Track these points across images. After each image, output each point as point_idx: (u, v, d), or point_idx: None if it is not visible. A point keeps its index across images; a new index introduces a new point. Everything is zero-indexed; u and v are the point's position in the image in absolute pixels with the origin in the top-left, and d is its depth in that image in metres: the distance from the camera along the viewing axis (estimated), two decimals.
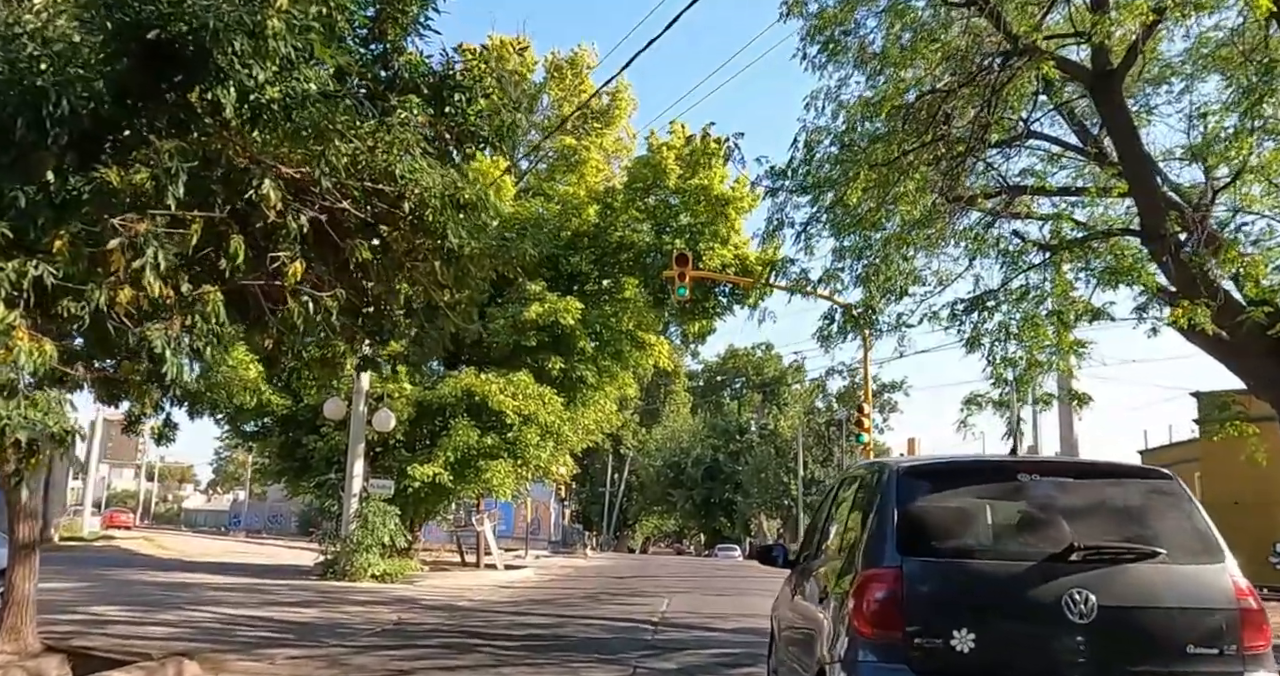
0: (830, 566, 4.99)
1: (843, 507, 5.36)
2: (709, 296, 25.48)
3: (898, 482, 4.26)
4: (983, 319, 13.09)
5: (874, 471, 4.79)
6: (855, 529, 4.57)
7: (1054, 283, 13.08)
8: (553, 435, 23.24)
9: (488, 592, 18.07)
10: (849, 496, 5.27)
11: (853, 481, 5.41)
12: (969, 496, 4.37)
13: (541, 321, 22.64)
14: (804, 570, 5.83)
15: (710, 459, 65.94)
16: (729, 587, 21.03)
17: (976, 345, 13.68)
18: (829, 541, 5.39)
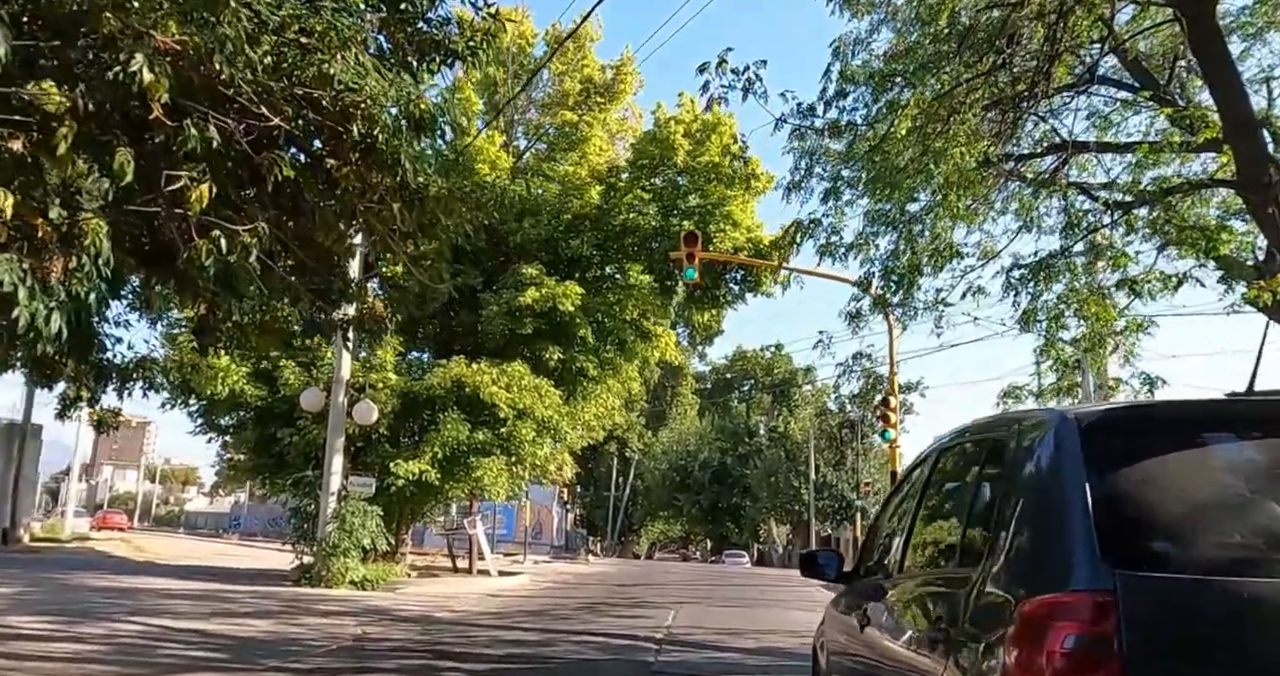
0: (928, 587, 3.24)
1: (944, 494, 3.60)
2: (719, 283, 23.79)
3: (1085, 442, 2.47)
4: (1040, 289, 11.32)
5: (1023, 429, 2.88)
6: (982, 526, 2.81)
7: (1117, 249, 11.36)
8: (550, 431, 21.50)
9: (474, 602, 16.33)
10: (959, 475, 3.50)
11: (967, 451, 3.55)
12: (1217, 464, 2.53)
13: (538, 307, 20.95)
14: (870, 588, 4.04)
15: (718, 462, 64.11)
16: (740, 598, 19.26)
17: (1032, 322, 11.95)
18: (918, 547, 3.63)
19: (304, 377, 20.02)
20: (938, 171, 10.58)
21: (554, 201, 23.00)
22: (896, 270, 11.24)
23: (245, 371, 19.92)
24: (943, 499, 3.60)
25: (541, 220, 22.63)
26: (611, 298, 23.26)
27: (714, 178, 22.72)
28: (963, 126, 10.04)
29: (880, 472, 52.51)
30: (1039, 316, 11.74)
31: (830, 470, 51.35)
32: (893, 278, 11.36)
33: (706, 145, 22.69)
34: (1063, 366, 12.05)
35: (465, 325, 22.51)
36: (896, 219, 10.76)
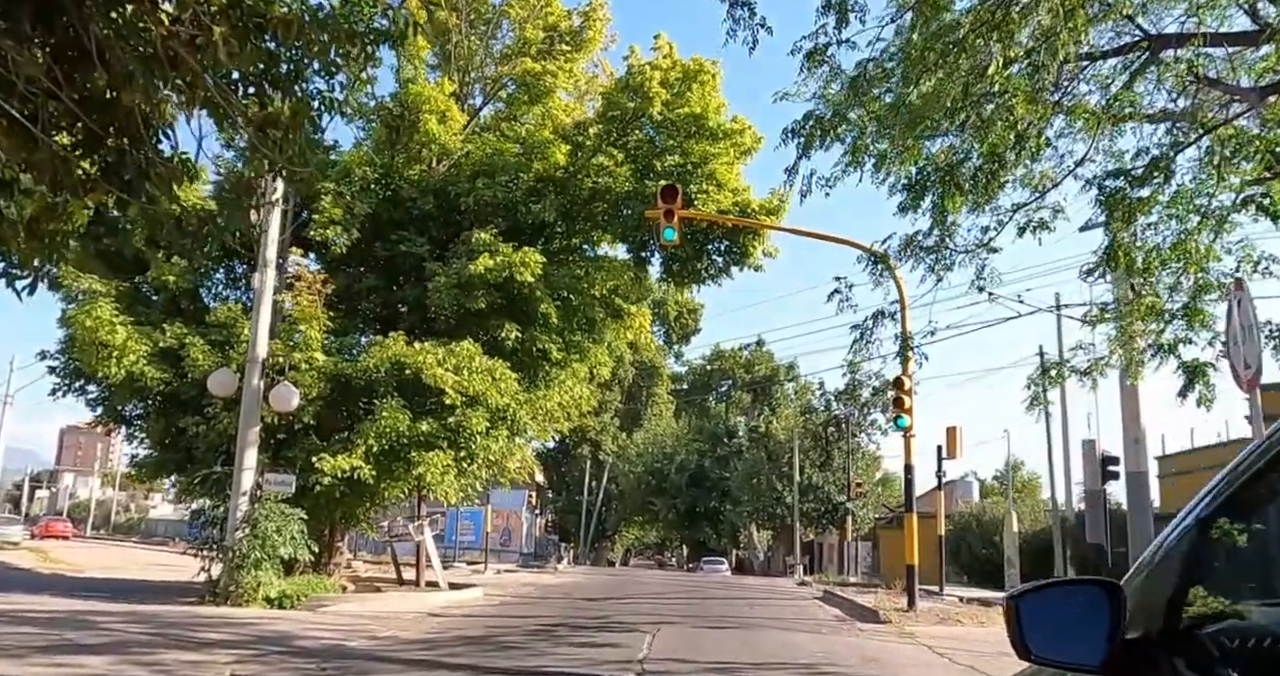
0: None
1: None
2: (701, 255, 20.90)
3: None
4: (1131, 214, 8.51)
5: None
6: None
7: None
8: (506, 421, 18.57)
9: (407, 624, 13.38)
10: None
11: None
12: None
13: (493, 278, 18.02)
14: None
15: (695, 464, 61.18)
16: (729, 616, 16.40)
17: (1117, 261, 9.16)
18: None
19: (215, 357, 17.02)
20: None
21: (513, 161, 20.08)
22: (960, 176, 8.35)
23: (145, 350, 16.89)
24: None
25: (498, 181, 19.72)
26: (578, 270, 20.38)
27: (695, 132, 19.89)
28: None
29: (867, 473, 49.84)
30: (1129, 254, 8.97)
31: (816, 471, 48.54)
32: (954, 188, 8.46)
33: (686, 96, 19.86)
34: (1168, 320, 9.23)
35: (410, 300, 19.55)
36: (959, 100, 7.83)
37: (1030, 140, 7.77)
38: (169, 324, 17.48)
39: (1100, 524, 27.85)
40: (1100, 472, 27.31)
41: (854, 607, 17.32)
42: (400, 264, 19.68)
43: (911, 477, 15.95)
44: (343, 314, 19.34)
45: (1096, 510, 28.28)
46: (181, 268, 18.29)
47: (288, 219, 17.95)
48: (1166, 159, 7.86)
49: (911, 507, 16.10)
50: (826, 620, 15.64)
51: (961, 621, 14.85)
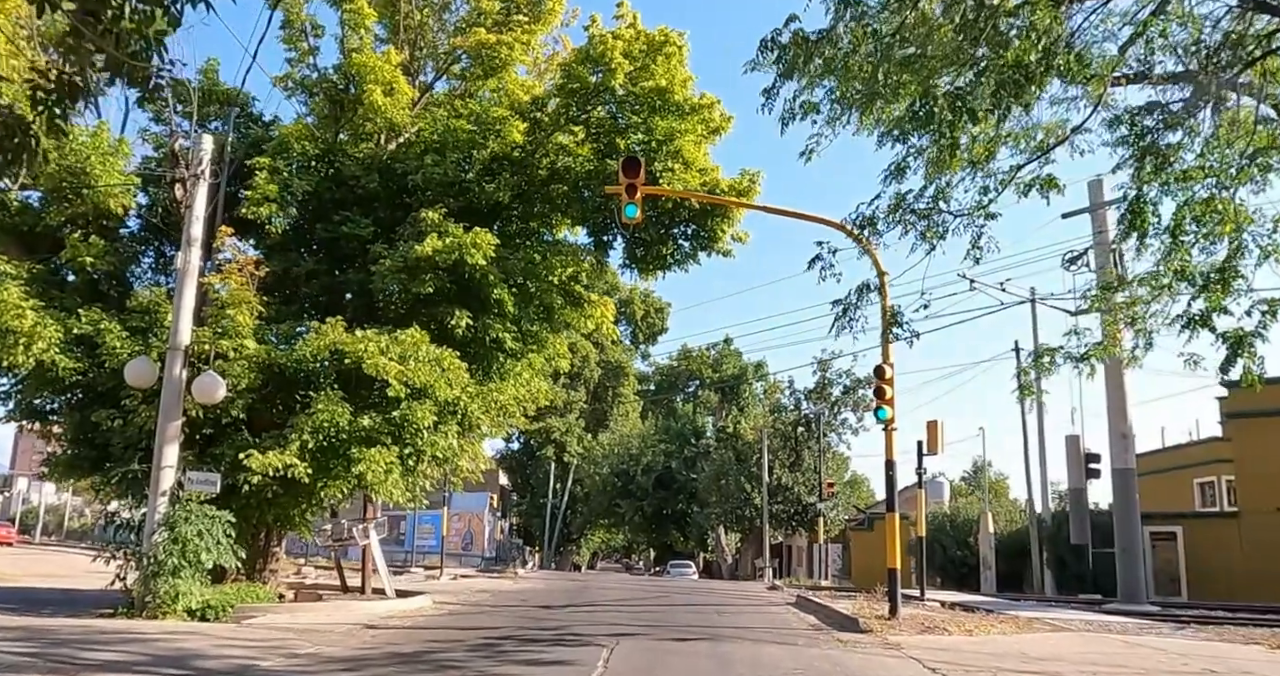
0: None
1: None
2: (666, 239, 19.66)
3: None
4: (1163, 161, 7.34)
5: None
6: None
7: None
8: (456, 415, 17.22)
9: (338, 638, 11.99)
10: None
11: None
12: None
13: (441, 261, 16.67)
14: None
15: (662, 466, 59.88)
16: (696, 625, 15.13)
17: (1141, 219, 8.00)
18: None
19: (135, 345, 15.51)
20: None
21: (465, 139, 18.71)
22: (973, 101, 7.11)
23: (57, 337, 15.33)
24: None
25: (449, 159, 18.36)
26: (535, 255, 19.03)
27: (660, 107, 18.61)
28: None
29: (837, 474, 48.84)
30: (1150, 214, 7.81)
31: (785, 472, 47.44)
32: (966, 113, 7.22)
33: (651, 69, 18.59)
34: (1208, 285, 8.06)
35: (354, 285, 18.13)
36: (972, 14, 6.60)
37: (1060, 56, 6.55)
38: (85, 309, 15.95)
39: (1084, 524, 26.98)
40: (1083, 470, 26.47)
41: (831, 614, 16.11)
42: (343, 246, 18.27)
43: (893, 474, 14.77)
44: (280, 300, 17.90)
45: (1081, 509, 27.42)
46: (101, 248, 16.77)
47: (218, 194, 16.49)
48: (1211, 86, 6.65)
49: (893, 506, 14.92)
50: (802, 629, 14.40)
51: (949, 630, 13.67)
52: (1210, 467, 42.40)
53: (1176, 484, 41.29)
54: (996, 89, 6.97)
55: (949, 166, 8.69)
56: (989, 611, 17.80)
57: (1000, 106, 7.13)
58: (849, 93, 8.10)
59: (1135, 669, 10.38)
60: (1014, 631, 14.11)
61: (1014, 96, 6.97)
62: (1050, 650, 11.90)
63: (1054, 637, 13.62)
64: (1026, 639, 13.20)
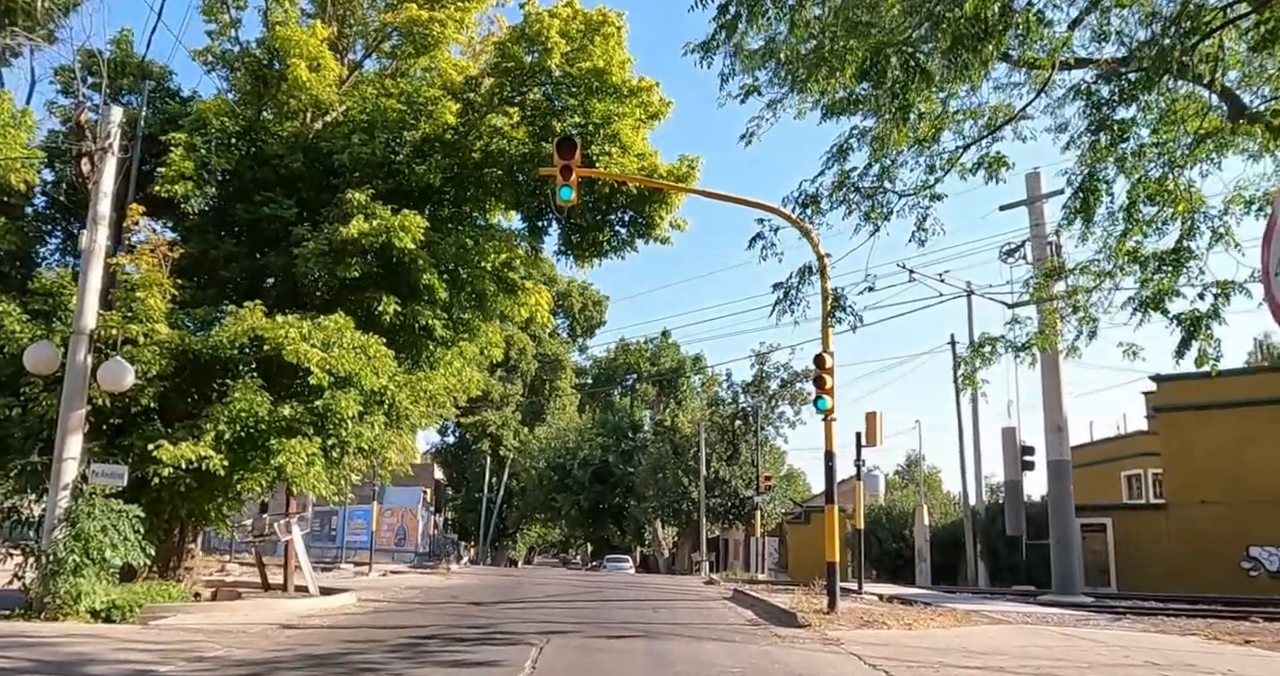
0: None
1: None
2: (603, 226, 19.16)
3: None
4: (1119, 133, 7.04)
5: None
6: None
7: None
8: (382, 405, 16.54)
9: (250, 639, 11.30)
10: None
11: None
12: None
13: (368, 244, 15.99)
14: None
15: (599, 460, 59.35)
16: (631, 622, 14.68)
17: (1094, 198, 7.70)
18: None
19: (37, 329, 14.59)
20: None
21: (395, 119, 18.00)
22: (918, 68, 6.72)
23: None
24: None
25: (377, 139, 17.65)
26: (468, 240, 18.37)
27: (598, 89, 18.10)
28: None
29: (774, 467, 48.81)
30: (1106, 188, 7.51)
31: (722, 465, 47.23)
32: (920, 75, 6.83)
33: (589, 49, 18.06)
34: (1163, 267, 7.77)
35: (276, 269, 17.34)
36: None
37: (1020, 14, 6.19)
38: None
39: (1019, 516, 27.10)
40: (1019, 463, 26.56)
41: (768, 609, 15.78)
42: (265, 229, 17.47)
43: (833, 465, 14.46)
44: (196, 284, 17.05)
45: (1016, 501, 27.53)
46: (2, 227, 15.80)
47: (129, 170, 15.57)
48: (1173, 53, 6.34)
49: (833, 498, 14.60)
50: (740, 625, 14.03)
51: (887, 624, 13.40)
52: (1137, 460, 43.14)
53: (1104, 477, 41.95)
54: (953, 44, 6.57)
55: (896, 142, 8.34)
56: (927, 604, 17.63)
57: (956, 65, 6.75)
58: (794, 57, 7.68)
59: (1077, 662, 10.15)
60: (953, 624, 13.89)
61: (972, 51, 6.58)
62: (991, 644, 11.66)
63: (993, 630, 13.41)
64: (966, 632, 12.98)
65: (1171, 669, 9.59)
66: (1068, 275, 11.11)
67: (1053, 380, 22.86)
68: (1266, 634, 13.71)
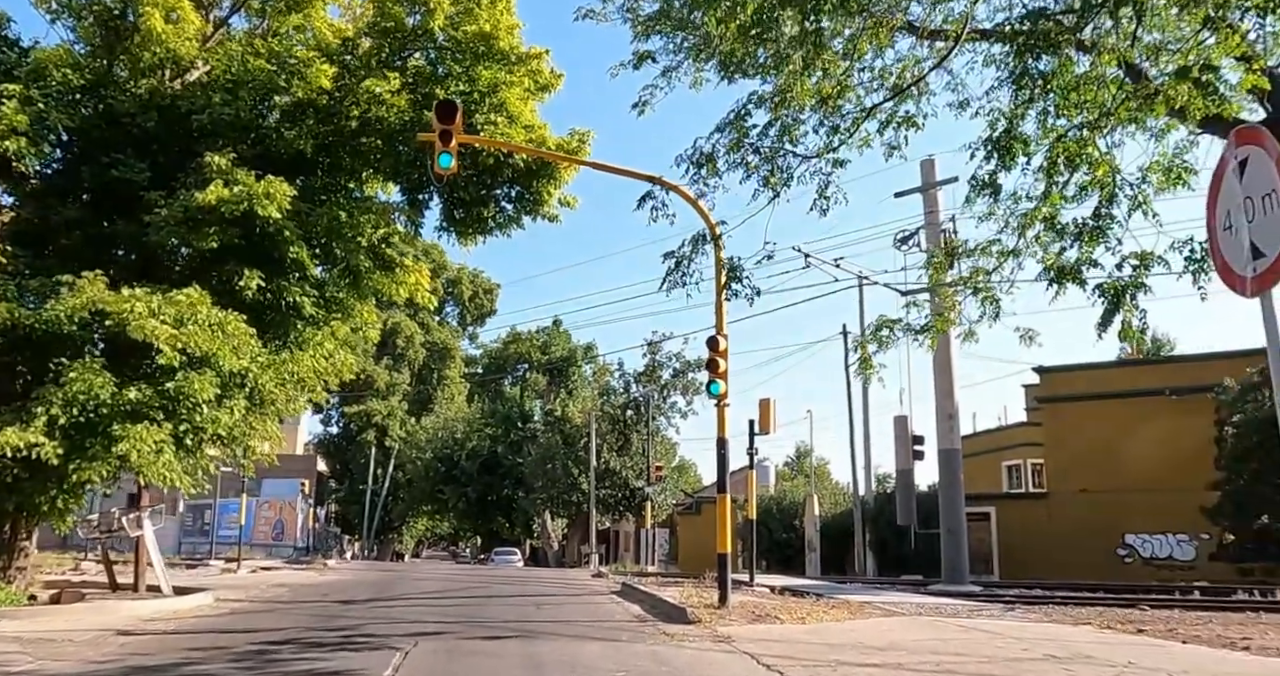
0: None
1: None
2: (487, 200, 18.13)
3: None
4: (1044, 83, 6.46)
5: None
6: None
7: None
8: (244, 389, 15.22)
9: (75, 649, 10.02)
10: None
11: None
12: None
13: (228, 212, 14.61)
14: None
15: (488, 451, 57.97)
16: (510, 621, 13.76)
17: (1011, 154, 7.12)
18: None
19: None
20: None
21: (263, 79, 16.63)
22: None
23: None
24: None
25: (243, 99, 16.26)
26: (341, 213, 17.10)
27: (484, 55, 17.06)
28: None
29: (666, 458, 48.36)
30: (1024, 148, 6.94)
31: (613, 456, 46.51)
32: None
33: (475, 12, 17.00)
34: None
35: (125, 238, 15.82)
36: None
37: None
38: None
39: (910, 505, 27.13)
40: (910, 451, 26.54)
41: (657, 605, 15.05)
42: (114, 194, 15.90)
43: (725, 453, 13.78)
44: (34, 254, 15.43)
45: (907, 491, 27.55)
46: None
47: None
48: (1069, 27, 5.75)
49: (725, 487, 13.94)
50: (626, 622, 13.26)
51: (780, 618, 12.81)
52: (1017, 451, 44.12)
53: (986, 467, 42.76)
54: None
55: (799, 96, 7.65)
56: (819, 596, 17.19)
57: (853, 25, 6.05)
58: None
59: (977, 657, 9.68)
60: (847, 617, 13.39)
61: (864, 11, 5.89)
62: (887, 638, 11.14)
63: (888, 623, 12.95)
64: (861, 625, 12.47)
65: (1073, 662, 9.19)
66: (970, 255, 10.61)
67: (944, 369, 22.77)
68: (1157, 622, 13.64)
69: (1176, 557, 31.27)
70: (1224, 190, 4.89)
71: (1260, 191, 4.54)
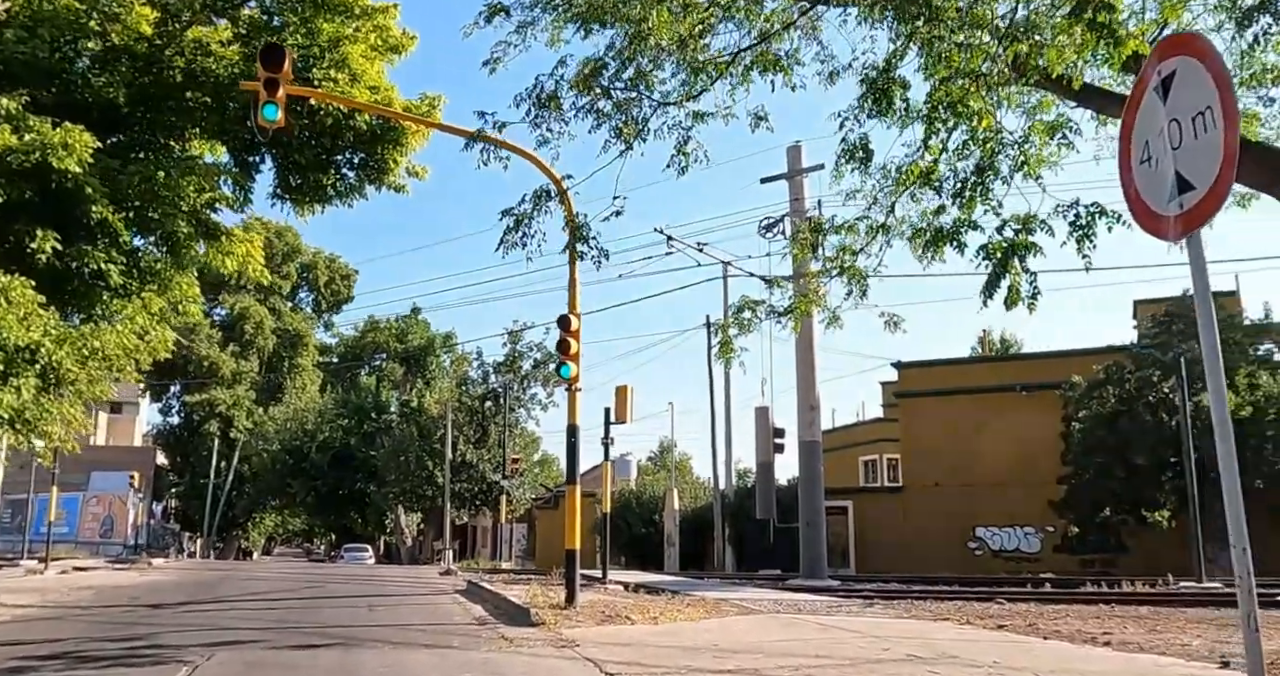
0: None
1: None
2: (327, 166, 16.68)
3: None
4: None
5: None
6: None
7: None
8: (34, 365, 13.40)
9: None
10: None
11: None
12: None
13: (16, 163, 12.81)
14: None
15: (340, 442, 55.41)
16: (335, 625, 12.46)
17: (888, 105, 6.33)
18: None
19: None
20: None
21: (68, 18, 14.78)
22: None
23: None
24: None
25: (41, 37, 14.39)
26: (159, 173, 15.35)
27: (325, 6, 15.63)
28: None
29: (526, 452, 47.12)
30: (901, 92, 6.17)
31: (470, 448, 44.93)
32: None
33: None
34: None
35: None
36: None
37: None
38: None
39: (770, 499, 26.73)
40: (771, 444, 26.13)
41: (501, 605, 13.97)
42: None
43: (575, 440, 12.78)
44: None
45: (767, 484, 27.13)
46: None
47: None
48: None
49: (575, 479, 12.95)
50: (464, 625, 12.14)
51: (632, 618, 11.91)
52: (874, 446, 44.79)
53: (844, 462, 43.23)
54: None
55: (656, 29, 6.73)
56: (675, 593, 16.41)
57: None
58: None
59: (838, 659, 8.98)
60: (702, 616, 12.60)
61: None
62: (744, 639, 10.38)
63: (744, 623, 12.23)
64: (717, 625, 11.69)
65: (937, 663, 8.57)
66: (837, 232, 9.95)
67: (807, 358, 22.38)
68: (1016, 617, 13.39)
69: (1024, 550, 31.99)
70: (1142, 115, 4.16)
71: (1190, 110, 3.82)
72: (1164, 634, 11.47)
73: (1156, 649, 9.76)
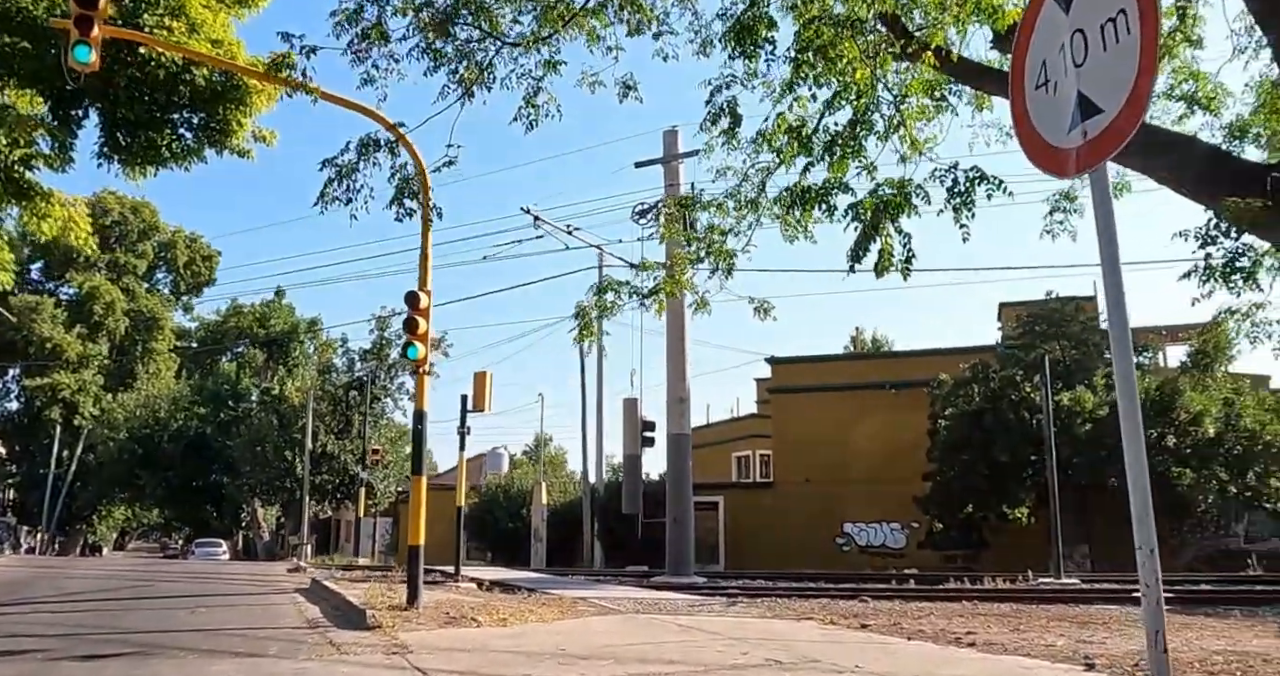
0: None
1: None
2: (161, 125, 15.21)
3: None
4: None
5: None
6: None
7: None
8: None
9: None
10: None
11: None
12: None
13: None
14: None
15: (195, 431, 52.52)
16: (147, 630, 11.18)
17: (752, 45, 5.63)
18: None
19: None
20: None
21: None
22: None
23: None
24: None
25: None
26: None
27: None
28: None
29: (395, 444, 45.42)
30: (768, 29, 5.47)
31: (332, 439, 43.02)
32: None
33: None
34: None
35: None
36: None
37: None
38: None
39: (637, 493, 26.10)
40: (639, 436, 25.49)
41: (339, 605, 12.90)
42: None
43: (422, 427, 11.81)
44: None
45: (634, 477, 26.46)
46: None
47: None
48: None
49: (420, 469, 11.96)
50: (292, 629, 11.03)
51: (478, 620, 11.02)
52: (748, 442, 44.81)
53: (717, 458, 43.11)
54: None
55: None
56: (531, 591, 15.58)
57: None
58: None
59: (692, 665, 8.31)
60: (556, 617, 11.82)
61: None
62: (596, 642, 9.63)
63: (600, 624, 11.50)
64: (569, 627, 10.93)
65: (797, 668, 8.00)
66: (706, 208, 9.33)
67: (677, 353, 21.82)
68: (880, 615, 13.07)
69: (890, 545, 32.29)
70: (1039, 32, 3.53)
71: (1099, 17, 3.19)
72: (1027, 633, 11.29)
73: (1021, 649, 9.50)
